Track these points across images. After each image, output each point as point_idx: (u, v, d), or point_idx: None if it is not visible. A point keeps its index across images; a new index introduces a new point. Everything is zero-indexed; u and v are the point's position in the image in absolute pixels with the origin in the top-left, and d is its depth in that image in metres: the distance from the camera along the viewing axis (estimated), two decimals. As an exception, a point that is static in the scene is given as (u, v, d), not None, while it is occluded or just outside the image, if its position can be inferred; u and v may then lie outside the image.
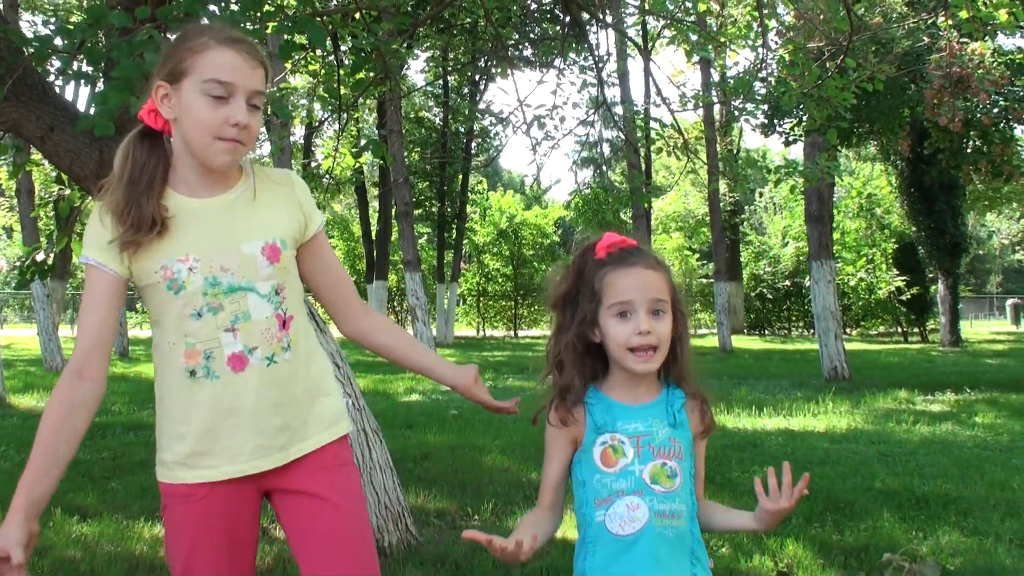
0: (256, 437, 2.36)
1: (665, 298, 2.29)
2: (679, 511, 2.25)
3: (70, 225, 6.90)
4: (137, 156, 2.34)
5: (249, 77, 2.30)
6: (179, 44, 2.32)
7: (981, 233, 61.61)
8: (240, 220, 2.38)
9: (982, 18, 8.16)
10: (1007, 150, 17.31)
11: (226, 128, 2.27)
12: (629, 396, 2.32)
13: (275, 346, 2.38)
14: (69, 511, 6.05)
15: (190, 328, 2.32)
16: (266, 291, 2.37)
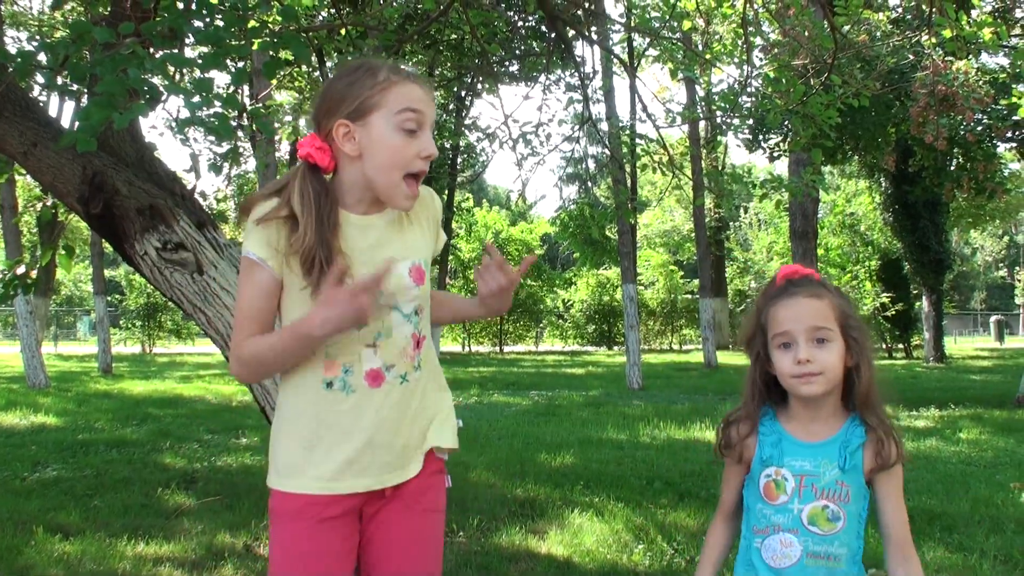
0: (384, 454, 2.39)
1: (828, 326, 2.28)
2: (838, 554, 2.26)
3: (54, 239, 6.87)
4: (316, 193, 2.35)
5: (431, 108, 2.37)
6: (355, 83, 2.35)
7: (965, 250, 61.93)
8: (393, 239, 2.44)
9: (966, 37, 8.20)
10: (990, 167, 17.41)
11: (417, 161, 2.33)
12: (804, 431, 2.33)
13: (408, 365, 2.42)
14: (51, 529, 5.99)
15: (332, 339, 2.33)
16: (408, 311, 2.43)
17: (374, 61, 2.41)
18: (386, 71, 2.34)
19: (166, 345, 38.57)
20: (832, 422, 2.31)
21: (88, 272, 34.52)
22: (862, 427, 2.29)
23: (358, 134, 2.33)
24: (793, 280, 2.36)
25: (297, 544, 2.36)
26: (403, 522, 2.45)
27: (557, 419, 12.42)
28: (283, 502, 2.39)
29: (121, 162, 4.66)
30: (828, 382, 2.27)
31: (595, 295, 40.93)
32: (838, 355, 2.27)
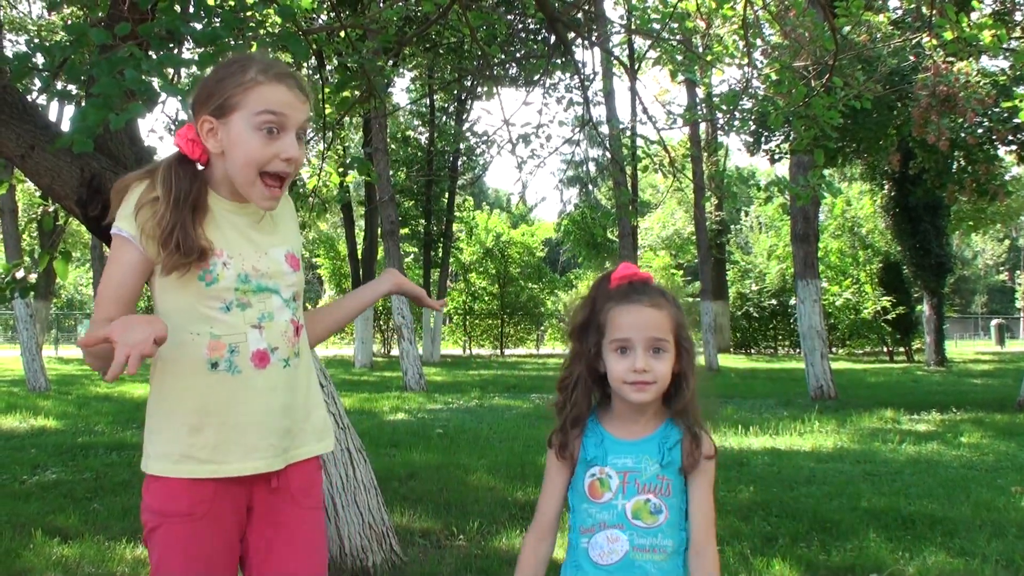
0: (269, 436, 2.39)
1: (665, 337, 2.32)
2: (663, 546, 2.27)
3: (53, 244, 6.87)
4: (179, 181, 2.37)
5: (299, 111, 2.37)
6: (224, 79, 2.35)
7: (966, 254, 61.93)
8: (266, 227, 2.47)
9: (966, 39, 8.18)
10: (991, 169, 17.41)
11: (276, 162, 2.34)
12: (625, 430, 2.36)
13: (290, 350, 2.44)
14: (50, 532, 5.98)
15: (217, 320, 2.35)
16: (287, 296, 2.46)
17: (249, 58, 2.41)
18: (255, 70, 2.34)
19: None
20: (651, 422, 2.36)
21: (89, 275, 34.56)
22: (677, 427, 2.35)
23: (220, 132, 2.34)
24: (635, 284, 2.38)
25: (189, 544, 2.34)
26: (292, 517, 2.46)
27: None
28: (166, 492, 2.35)
29: (120, 164, 4.64)
30: (659, 390, 2.32)
31: (596, 298, 40.93)
32: (670, 364, 2.32)
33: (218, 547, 2.38)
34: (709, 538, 2.31)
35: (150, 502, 2.38)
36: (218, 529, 2.37)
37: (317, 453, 2.53)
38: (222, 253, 2.35)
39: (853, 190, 36.18)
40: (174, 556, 2.35)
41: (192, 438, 2.34)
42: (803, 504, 6.72)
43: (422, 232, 34.65)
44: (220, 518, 2.37)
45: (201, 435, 2.34)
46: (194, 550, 2.34)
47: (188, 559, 2.34)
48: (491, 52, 9.73)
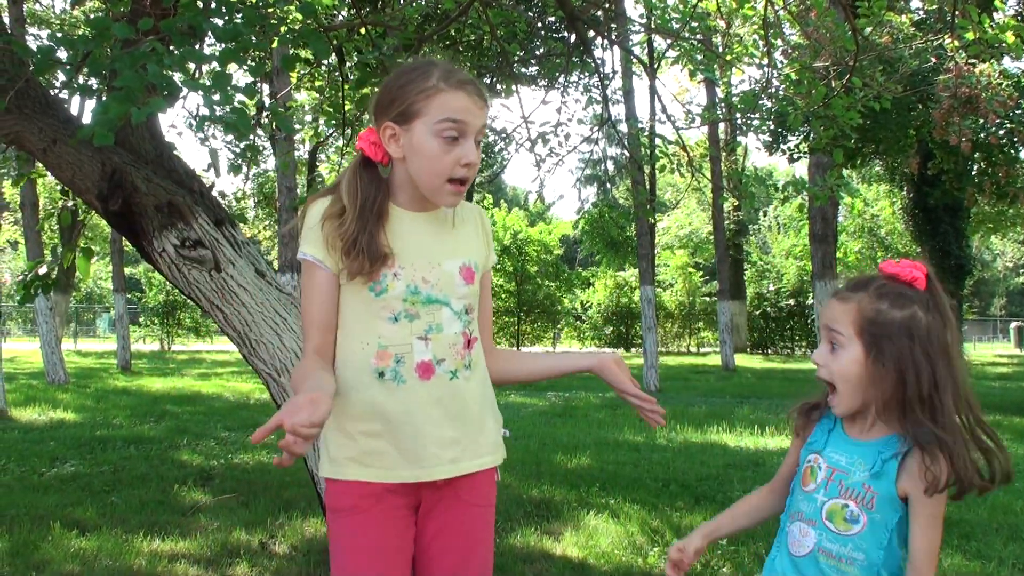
0: (431, 445, 2.40)
1: (839, 329, 2.21)
2: (851, 557, 2.17)
3: (74, 239, 6.90)
4: (365, 186, 2.42)
5: (478, 117, 2.40)
6: (406, 85, 2.38)
7: (985, 256, 61.62)
8: (443, 238, 2.49)
9: (988, 40, 8.14)
10: (1011, 171, 17.32)
11: (457, 169, 2.37)
12: (855, 428, 2.26)
13: (459, 362, 2.45)
14: (68, 525, 6.02)
15: (385, 331, 2.39)
16: (458, 308, 2.46)
17: (430, 64, 2.43)
18: (437, 77, 2.36)
19: (185, 342, 38.79)
20: (884, 428, 2.21)
21: (108, 269, 34.71)
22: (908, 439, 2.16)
23: (402, 138, 2.38)
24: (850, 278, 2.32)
25: (356, 536, 2.40)
26: (452, 516, 2.48)
27: (573, 420, 12.41)
28: (337, 491, 2.44)
29: (140, 159, 4.67)
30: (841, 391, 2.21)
31: (613, 297, 40.90)
32: (849, 362, 2.18)
33: (387, 541, 2.42)
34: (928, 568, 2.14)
35: (325, 499, 2.50)
36: (385, 524, 2.41)
37: (489, 466, 2.55)
38: (393, 264, 2.39)
39: (871, 192, 36.06)
40: (344, 547, 2.42)
41: (359, 443, 2.40)
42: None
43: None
44: (386, 514, 2.41)
45: (367, 441, 2.39)
46: (362, 542, 2.40)
47: (356, 550, 2.40)
48: (511, 50, 9.73)
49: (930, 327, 2.14)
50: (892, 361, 2.13)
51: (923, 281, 2.20)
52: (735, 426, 11.62)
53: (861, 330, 2.17)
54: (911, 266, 2.21)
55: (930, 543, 2.14)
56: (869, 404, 2.20)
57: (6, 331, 44.03)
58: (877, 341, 2.15)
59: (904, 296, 2.18)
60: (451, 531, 2.48)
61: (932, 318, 2.15)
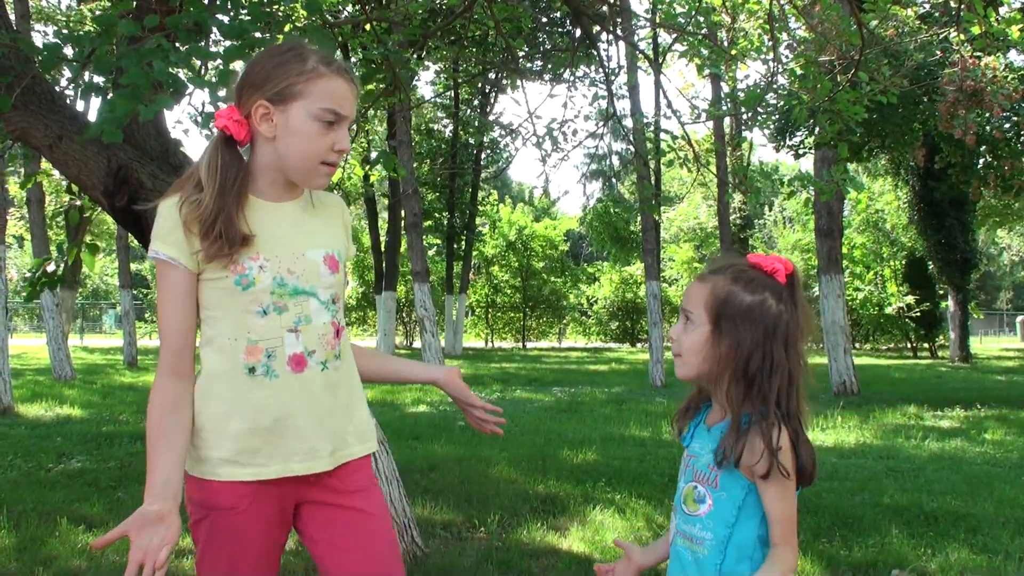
0: (308, 439, 2.38)
1: (691, 308, 2.26)
2: (703, 538, 2.22)
3: (80, 235, 6.91)
4: (226, 164, 2.37)
5: (353, 104, 2.41)
6: (284, 65, 2.35)
7: (991, 250, 61.48)
8: (305, 228, 2.45)
9: (994, 34, 8.13)
10: (1017, 165, 17.27)
11: (330, 154, 2.36)
12: (711, 416, 2.33)
13: (329, 353, 2.42)
14: (75, 521, 6.04)
15: (254, 325, 2.34)
16: (325, 298, 2.43)
17: (305, 46, 2.41)
18: (315, 60, 2.34)
19: (190, 339, 38.81)
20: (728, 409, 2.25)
21: (114, 265, 34.77)
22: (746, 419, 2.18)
23: (276, 118, 2.34)
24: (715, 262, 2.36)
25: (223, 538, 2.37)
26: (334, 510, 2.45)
27: (579, 416, 12.41)
28: (209, 488, 2.38)
29: (146, 155, 4.68)
30: (688, 364, 2.27)
31: (618, 292, 40.89)
32: (698, 338, 2.24)
33: (261, 539, 2.40)
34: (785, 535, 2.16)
35: (192, 495, 2.42)
36: (261, 523, 2.39)
37: (361, 455, 2.51)
38: (258, 256, 2.34)
39: (877, 185, 35.99)
40: (218, 545, 2.38)
41: (232, 443, 2.35)
42: (825, 500, 6.71)
43: (445, 225, 34.66)
44: (263, 513, 2.39)
45: (241, 440, 2.35)
46: (237, 541, 2.38)
47: (231, 549, 2.38)
48: (516, 45, 9.72)
49: (779, 316, 2.20)
50: (732, 339, 2.19)
51: (783, 275, 2.25)
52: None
53: (710, 308, 2.23)
54: (776, 259, 2.27)
55: (778, 512, 2.15)
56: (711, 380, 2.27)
57: (13, 327, 44.07)
58: (721, 319, 2.21)
59: (758, 283, 2.23)
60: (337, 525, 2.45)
61: (784, 309, 2.21)
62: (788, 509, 2.16)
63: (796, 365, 2.24)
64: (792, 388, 2.21)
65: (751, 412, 2.16)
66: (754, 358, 2.18)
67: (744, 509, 2.19)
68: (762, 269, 2.25)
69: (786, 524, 2.16)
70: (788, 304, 2.22)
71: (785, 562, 2.15)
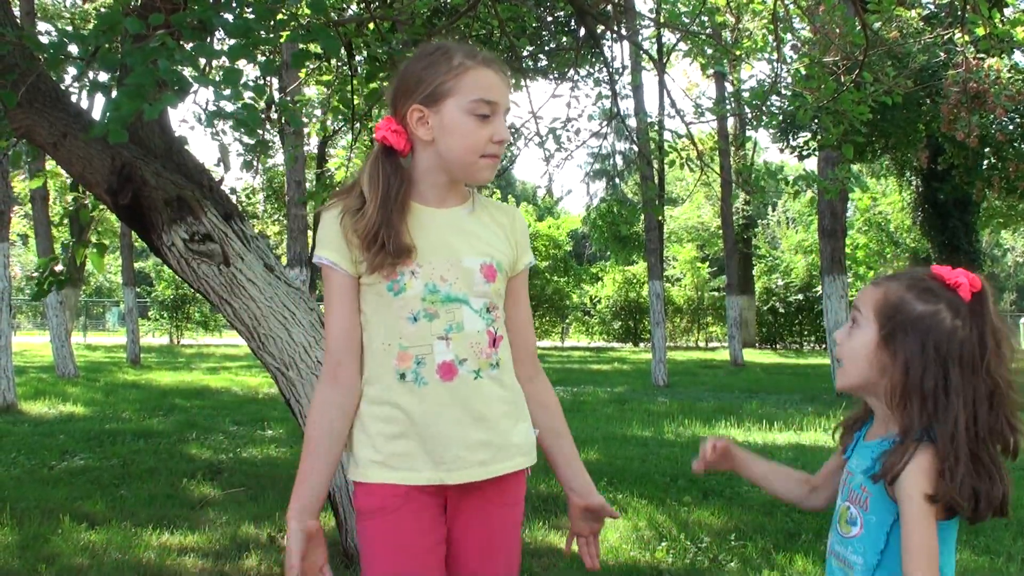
0: (457, 448, 2.36)
1: (860, 308, 2.19)
2: (851, 561, 2.14)
3: (85, 234, 6.92)
4: (387, 176, 2.37)
5: (506, 94, 2.40)
6: (431, 67, 2.36)
7: (996, 251, 61.46)
8: (464, 235, 2.42)
9: (999, 35, 8.12)
10: (1021, 166, 17.28)
11: (490, 145, 2.35)
12: (872, 431, 2.23)
13: (483, 362, 2.39)
14: (77, 518, 6.05)
15: (405, 331, 2.34)
16: (479, 307, 2.40)
17: (450, 44, 2.41)
18: (461, 55, 2.35)
19: (194, 336, 38.90)
20: (887, 428, 2.16)
21: (118, 263, 34.81)
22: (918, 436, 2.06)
23: (431, 119, 2.34)
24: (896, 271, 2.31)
25: (386, 536, 2.37)
26: (478, 518, 2.44)
27: (582, 415, 12.41)
28: (364, 493, 2.40)
29: (150, 153, 4.69)
30: (849, 372, 2.18)
31: (621, 291, 40.86)
32: (862, 342, 2.15)
33: (417, 540, 2.38)
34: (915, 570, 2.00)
35: (354, 502, 2.47)
36: (413, 524, 2.38)
37: (521, 467, 2.48)
38: (411, 262, 2.34)
39: (881, 186, 36.00)
40: (374, 547, 2.39)
41: (384, 446, 2.36)
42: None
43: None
44: (414, 514, 2.38)
45: (392, 444, 2.36)
46: (392, 540, 2.37)
47: (392, 551, 2.37)
48: (520, 44, 9.73)
49: (955, 332, 2.06)
50: (901, 349, 2.08)
51: (967, 290, 2.12)
52: (743, 421, 11.62)
53: (879, 313, 2.14)
54: (961, 273, 2.16)
55: (914, 543, 2.01)
56: (875, 391, 2.16)
57: (16, 324, 44.07)
58: (891, 326, 2.11)
59: (933, 293, 2.12)
60: (476, 532, 2.44)
61: (963, 326, 2.07)
62: (923, 539, 2.01)
63: (986, 388, 2.05)
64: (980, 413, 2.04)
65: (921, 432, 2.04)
66: (928, 374, 2.05)
67: (894, 536, 2.07)
68: (943, 280, 2.15)
69: (915, 555, 2.01)
70: (968, 321, 2.07)
71: None
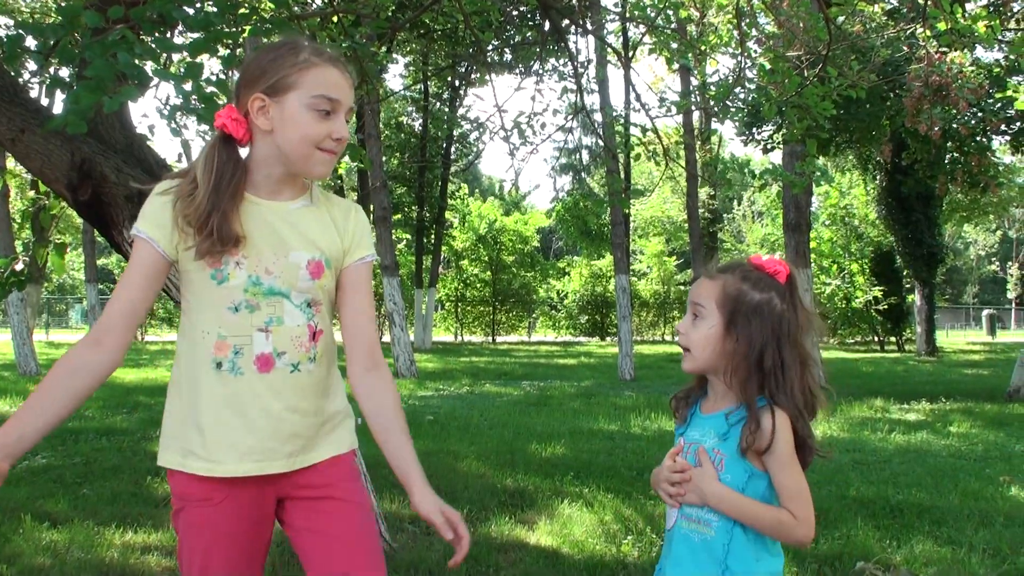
0: (267, 440, 2.38)
1: (702, 303, 2.40)
2: (708, 520, 2.33)
3: (47, 234, 6.85)
4: (222, 163, 2.37)
5: (349, 95, 2.42)
6: (278, 59, 2.37)
7: (958, 244, 62.02)
8: (293, 230, 2.44)
9: (960, 31, 8.18)
10: (983, 160, 17.44)
11: (328, 141, 2.37)
12: (709, 404, 2.46)
13: (302, 355, 2.42)
14: (39, 517, 5.98)
15: (225, 321, 2.35)
16: (299, 301, 2.42)
17: (298, 40, 2.44)
18: (308, 52, 2.37)
19: (158, 333, 38.62)
20: (731, 400, 2.38)
21: (81, 260, 34.51)
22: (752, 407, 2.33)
23: (272, 109, 2.35)
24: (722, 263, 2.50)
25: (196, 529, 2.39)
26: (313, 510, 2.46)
27: (548, 409, 12.43)
28: (182, 480, 2.40)
29: (110, 149, 4.64)
30: (697, 358, 2.39)
31: (588, 285, 40.96)
32: (707, 332, 2.37)
33: (237, 533, 2.41)
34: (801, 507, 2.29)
35: (172, 487, 2.45)
36: (236, 516, 2.40)
37: (332, 455, 2.51)
38: (237, 252, 2.34)
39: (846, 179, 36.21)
40: (196, 535, 2.40)
41: (193, 435, 2.37)
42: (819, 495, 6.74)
43: (414, 218, 34.62)
44: (238, 507, 2.39)
45: (201, 433, 2.36)
46: (212, 533, 2.38)
47: (206, 541, 2.39)
48: (485, 38, 9.71)
49: (783, 314, 2.36)
50: (744, 334, 2.34)
51: (784, 276, 2.41)
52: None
53: (722, 304, 2.37)
54: (776, 262, 2.43)
55: (793, 486, 2.30)
56: (717, 371, 2.39)
57: (-23, 322, 43.63)
58: (734, 315, 2.35)
59: (764, 282, 2.39)
60: (313, 527, 2.45)
61: (786, 308, 2.37)
62: (798, 483, 2.30)
63: (799, 358, 2.36)
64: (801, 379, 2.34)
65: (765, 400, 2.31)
66: (767, 353, 2.32)
67: (747, 492, 2.31)
68: (765, 270, 2.41)
69: (799, 499, 2.30)
70: (788, 303, 2.38)
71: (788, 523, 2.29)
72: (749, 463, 2.30)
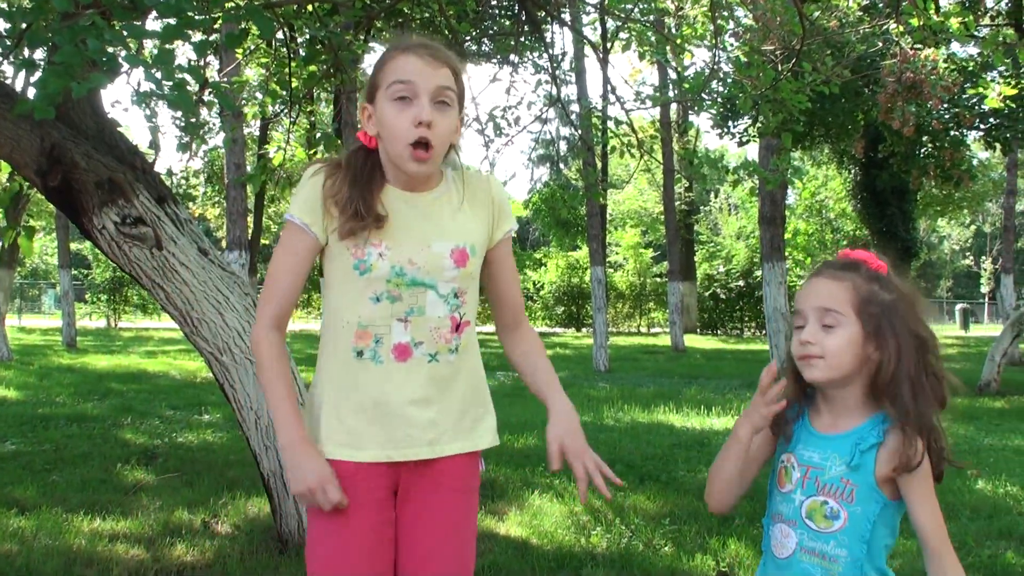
0: (405, 427, 2.41)
1: (836, 308, 2.20)
2: (834, 555, 2.19)
3: (18, 217, 6.79)
4: (360, 158, 2.46)
5: (430, 76, 2.37)
6: (374, 65, 2.45)
7: (932, 239, 62.39)
8: (437, 220, 2.47)
9: (932, 27, 8.22)
10: (956, 155, 17.54)
11: (413, 130, 2.33)
12: (826, 422, 2.28)
13: (441, 346, 2.44)
14: (7, 504, 5.96)
15: (365, 311, 2.40)
16: (445, 292, 2.44)
17: (397, 39, 2.48)
18: (390, 47, 2.42)
19: (132, 319, 38.44)
20: (856, 417, 2.23)
21: (54, 245, 34.30)
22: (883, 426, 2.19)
23: (374, 115, 2.41)
24: (829, 260, 2.35)
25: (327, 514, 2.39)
26: (431, 500, 2.48)
27: (523, 400, 12.43)
28: None
29: (81, 135, 4.62)
30: (830, 368, 2.20)
31: (564, 277, 40.97)
32: (844, 340, 2.19)
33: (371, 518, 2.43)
34: (946, 547, 2.20)
35: None
36: (369, 501, 2.42)
37: (468, 450, 2.54)
38: (380, 244, 2.37)
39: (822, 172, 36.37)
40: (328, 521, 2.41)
41: (334, 421, 2.42)
42: (762, 484, 6.77)
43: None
44: (370, 492, 2.42)
45: (342, 420, 2.41)
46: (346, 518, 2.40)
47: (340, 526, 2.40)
48: (461, 29, 9.69)
49: (906, 312, 2.22)
50: (891, 337, 2.18)
51: (886, 268, 2.29)
52: (682, 406, 11.71)
53: (858, 309, 2.20)
54: (872, 255, 2.30)
55: (934, 518, 2.18)
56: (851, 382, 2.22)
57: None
58: (876, 321, 2.19)
59: (883, 280, 2.24)
60: (429, 515, 2.47)
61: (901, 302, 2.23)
62: (939, 515, 2.21)
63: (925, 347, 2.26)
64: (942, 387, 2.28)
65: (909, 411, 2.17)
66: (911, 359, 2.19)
67: (877, 526, 2.19)
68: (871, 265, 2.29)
69: (939, 529, 2.20)
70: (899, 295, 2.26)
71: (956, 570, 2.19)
72: (880, 491, 2.18)
